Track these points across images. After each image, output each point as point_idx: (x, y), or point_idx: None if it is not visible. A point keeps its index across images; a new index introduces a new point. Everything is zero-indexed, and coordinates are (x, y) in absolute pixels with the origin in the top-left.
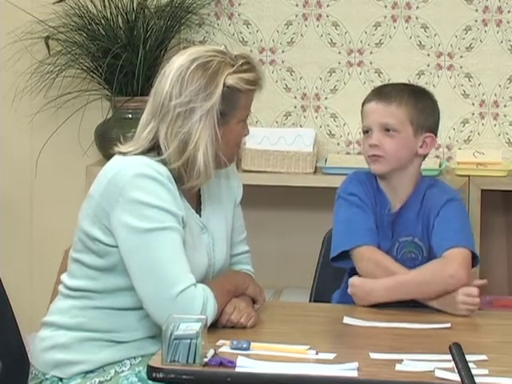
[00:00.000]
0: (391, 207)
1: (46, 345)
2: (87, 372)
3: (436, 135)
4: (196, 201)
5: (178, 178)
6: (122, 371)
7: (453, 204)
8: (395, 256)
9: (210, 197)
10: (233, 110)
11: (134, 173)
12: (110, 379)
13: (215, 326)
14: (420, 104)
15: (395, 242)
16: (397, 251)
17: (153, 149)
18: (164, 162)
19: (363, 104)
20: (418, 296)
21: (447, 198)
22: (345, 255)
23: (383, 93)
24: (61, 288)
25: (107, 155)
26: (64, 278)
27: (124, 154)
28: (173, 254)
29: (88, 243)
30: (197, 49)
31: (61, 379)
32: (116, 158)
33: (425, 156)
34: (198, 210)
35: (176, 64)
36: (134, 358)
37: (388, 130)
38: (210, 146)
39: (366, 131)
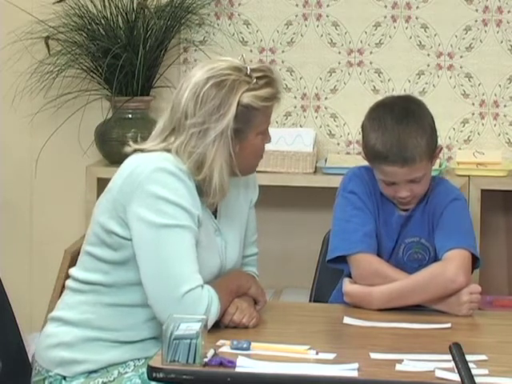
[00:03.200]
0: (398, 208)
1: (50, 342)
2: (91, 372)
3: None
4: None
5: (199, 189)
6: (126, 372)
7: (456, 204)
8: (401, 257)
9: (227, 199)
10: (249, 126)
11: (153, 167)
12: (114, 380)
13: (217, 326)
14: (428, 132)
15: (401, 243)
16: (403, 252)
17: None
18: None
19: (380, 162)
20: (417, 302)
21: (451, 198)
22: (342, 258)
23: (405, 152)
24: (69, 283)
25: (107, 155)
26: (74, 271)
27: (142, 150)
28: (183, 253)
29: (103, 236)
30: (214, 65)
31: (64, 377)
32: (136, 154)
33: None
34: (214, 212)
35: (193, 80)
36: (138, 359)
37: (415, 178)
38: (226, 165)
39: (388, 182)
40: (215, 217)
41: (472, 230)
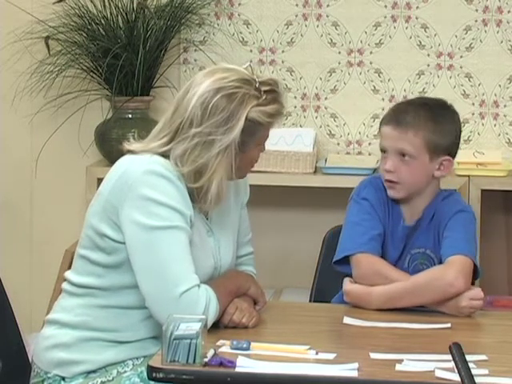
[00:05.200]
0: (405, 219)
1: (48, 343)
2: (89, 372)
3: (454, 156)
4: None
5: (191, 194)
6: (125, 371)
7: (462, 215)
8: (407, 268)
9: None
10: (252, 140)
11: (144, 169)
12: (113, 379)
13: (217, 326)
14: (438, 127)
15: (407, 254)
16: (408, 263)
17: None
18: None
19: (381, 123)
20: (416, 304)
21: (457, 210)
22: (347, 260)
23: (400, 118)
24: (65, 286)
25: (107, 155)
26: (69, 274)
27: (134, 152)
28: (178, 253)
29: (96, 240)
30: (223, 75)
31: (63, 378)
32: (126, 156)
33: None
34: (206, 213)
35: (201, 89)
36: (137, 358)
37: (404, 155)
38: (225, 176)
39: (383, 151)
40: (206, 218)
41: (475, 242)
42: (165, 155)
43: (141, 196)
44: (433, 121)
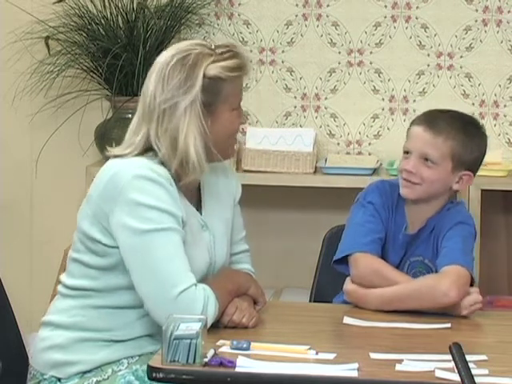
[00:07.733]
0: (408, 226)
1: (44, 345)
2: (85, 372)
3: (475, 173)
4: (196, 198)
5: (177, 177)
6: (120, 370)
7: (461, 227)
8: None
9: (210, 195)
10: (218, 99)
11: (133, 174)
12: (108, 378)
13: (216, 326)
14: (468, 142)
15: (406, 260)
16: (407, 270)
17: (149, 150)
18: (162, 163)
19: (411, 124)
20: (411, 308)
21: (457, 221)
22: (347, 261)
23: (434, 122)
24: (60, 288)
25: (107, 155)
26: (63, 277)
27: (120, 156)
28: (173, 253)
29: (88, 243)
30: (177, 45)
31: (59, 379)
32: (113, 160)
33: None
34: (199, 208)
35: (158, 64)
36: (132, 357)
37: (427, 160)
38: (200, 138)
39: (406, 152)
40: (200, 213)
41: (471, 254)
42: (151, 148)
43: (131, 201)
44: (464, 134)
